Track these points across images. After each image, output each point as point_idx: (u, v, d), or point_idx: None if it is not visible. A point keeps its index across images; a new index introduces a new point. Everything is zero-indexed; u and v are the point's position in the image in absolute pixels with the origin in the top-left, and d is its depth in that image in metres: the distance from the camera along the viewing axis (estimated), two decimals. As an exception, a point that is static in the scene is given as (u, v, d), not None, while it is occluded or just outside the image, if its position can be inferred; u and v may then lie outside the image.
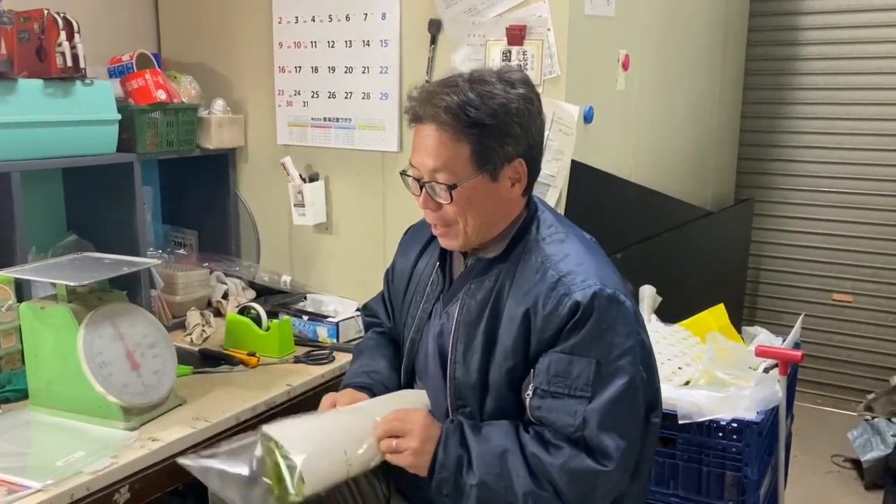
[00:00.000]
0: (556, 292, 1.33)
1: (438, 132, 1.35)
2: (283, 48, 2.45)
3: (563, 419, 1.31)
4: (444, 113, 1.33)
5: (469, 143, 1.34)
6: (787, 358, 1.82)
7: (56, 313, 1.68)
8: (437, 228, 1.45)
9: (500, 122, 1.34)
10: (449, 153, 1.35)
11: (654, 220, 2.68)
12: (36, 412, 1.74)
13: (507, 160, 1.37)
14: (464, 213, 1.39)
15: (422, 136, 1.38)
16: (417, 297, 1.57)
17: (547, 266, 1.37)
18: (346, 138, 2.39)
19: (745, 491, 1.70)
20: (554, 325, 1.33)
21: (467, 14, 2.12)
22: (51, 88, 2.01)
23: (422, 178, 1.39)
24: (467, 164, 1.35)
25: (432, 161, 1.36)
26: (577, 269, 1.35)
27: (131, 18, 2.64)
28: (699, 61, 3.02)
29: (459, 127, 1.33)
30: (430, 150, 1.36)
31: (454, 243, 1.44)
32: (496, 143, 1.35)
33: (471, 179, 1.36)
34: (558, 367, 1.32)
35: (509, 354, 1.37)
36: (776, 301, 3.80)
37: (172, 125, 2.34)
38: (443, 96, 1.34)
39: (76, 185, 2.33)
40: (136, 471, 1.57)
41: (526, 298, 1.36)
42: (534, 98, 1.40)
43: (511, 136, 1.35)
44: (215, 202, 2.62)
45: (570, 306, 1.31)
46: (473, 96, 1.33)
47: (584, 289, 1.32)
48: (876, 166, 3.52)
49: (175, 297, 2.41)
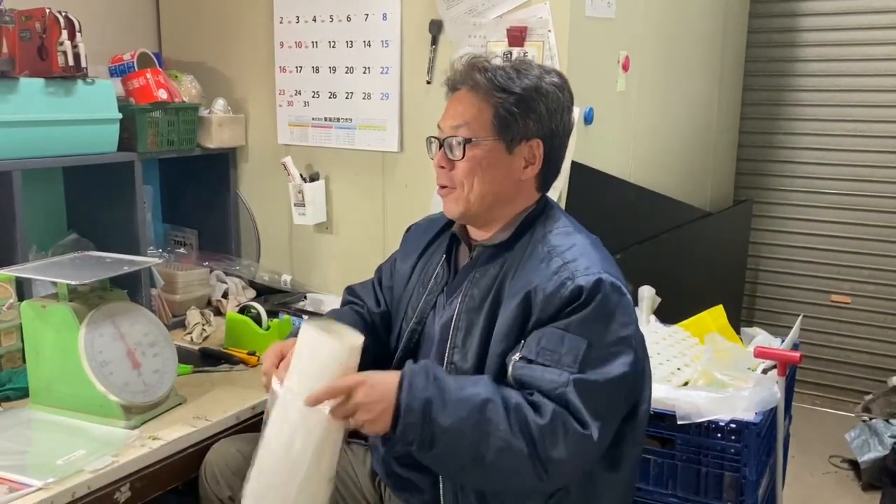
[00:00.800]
0: (559, 276, 1.34)
1: (469, 93, 1.42)
2: (284, 48, 2.45)
3: (547, 377, 1.28)
4: (478, 73, 1.41)
5: (494, 107, 1.40)
6: (786, 359, 1.82)
7: (57, 312, 1.68)
8: (443, 189, 1.47)
9: (528, 96, 1.40)
10: (473, 112, 1.41)
11: (653, 220, 2.69)
12: (37, 411, 1.75)
13: (526, 137, 1.41)
14: (471, 177, 1.42)
15: (453, 101, 1.45)
16: (419, 289, 1.57)
17: (553, 255, 1.38)
18: (346, 138, 2.39)
19: (743, 491, 1.70)
20: (554, 306, 1.33)
21: (468, 15, 2.12)
22: (52, 87, 2.01)
23: (443, 137, 1.44)
24: (487, 126, 1.40)
25: (456, 118, 1.43)
26: (582, 259, 1.37)
27: (132, 17, 2.65)
28: (699, 63, 3.03)
29: (489, 89, 1.40)
30: (456, 109, 1.43)
31: (454, 208, 1.46)
32: (519, 113, 1.40)
33: (487, 141, 1.40)
34: (549, 340, 1.31)
35: (504, 337, 1.37)
36: (775, 302, 3.81)
37: (173, 124, 2.34)
38: (482, 62, 1.43)
39: (77, 183, 2.33)
40: (137, 469, 1.57)
41: (528, 283, 1.37)
42: (566, 91, 1.46)
43: (535, 112, 1.40)
44: (216, 201, 2.62)
45: (573, 289, 1.32)
46: (510, 69, 1.41)
47: (588, 275, 1.33)
48: (875, 168, 3.52)
49: (175, 296, 2.42)
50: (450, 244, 1.56)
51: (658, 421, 1.68)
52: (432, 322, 1.52)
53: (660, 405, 1.67)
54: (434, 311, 1.53)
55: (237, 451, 1.62)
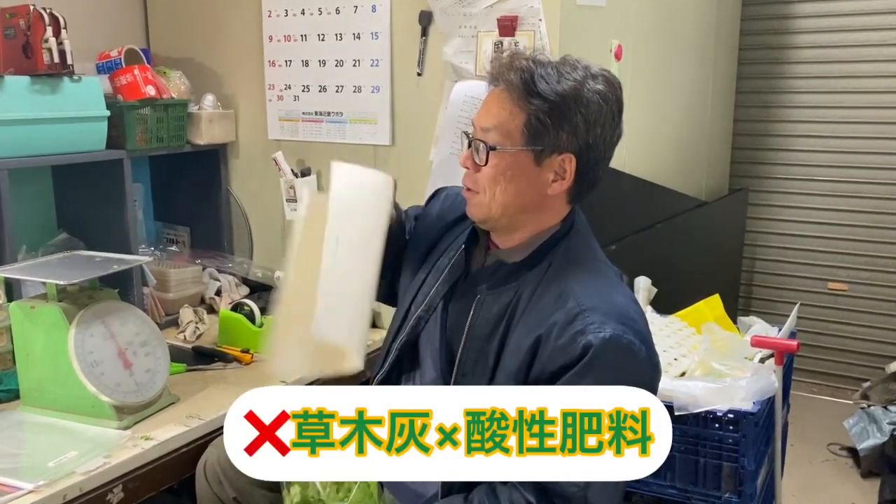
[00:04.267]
0: (572, 326, 1.26)
1: (504, 93, 1.31)
2: (273, 42, 2.43)
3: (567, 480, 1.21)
4: (515, 74, 1.29)
5: (526, 112, 1.29)
6: (783, 348, 1.81)
7: (46, 313, 1.67)
8: (467, 191, 1.39)
9: (564, 105, 1.28)
10: (505, 116, 1.30)
11: (648, 210, 2.67)
12: (28, 412, 1.73)
13: (558, 150, 1.30)
14: (494, 185, 1.33)
15: (489, 98, 1.35)
16: (435, 272, 1.49)
17: (569, 295, 1.29)
18: (337, 132, 2.37)
19: (742, 481, 1.69)
20: (560, 361, 1.26)
21: (458, 5, 2.10)
22: (38, 85, 1.98)
23: (473, 137, 1.36)
24: (517, 133, 1.30)
25: (487, 120, 1.33)
26: (599, 306, 1.27)
27: (119, 13, 2.62)
28: (692, 50, 3.01)
29: (524, 93, 1.28)
30: (490, 109, 1.33)
31: (476, 212, 1.39)
32: (553, 124, 1.28)
33: (513, 150, 1.31)
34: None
35: (511, 378, 1.31)
36: (772, 290, 3.80)
37: (162, 121, 2.32)
38: (522, 60, 1.31)
39: (66, 182, 2.31)
40: (130, 470, 1.56)
41: (540, 325, 1.29)
42: (612, 100, 1.33)
43: (571, 123, 1.29)
44: (207, 198, 2.60)
45: (584, 345, 1.24)
46: (550, 70, 1.30)
47: (601, 332, 1.24)
48: (870, 154, 3.51)
49: (168, 295, 2.40)
50: (473, 231, 1.47)
51: (655, 412, 1.67)
52: (437, 317, 1.46)
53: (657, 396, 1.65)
54: (442, 305, 1.46)
55: None
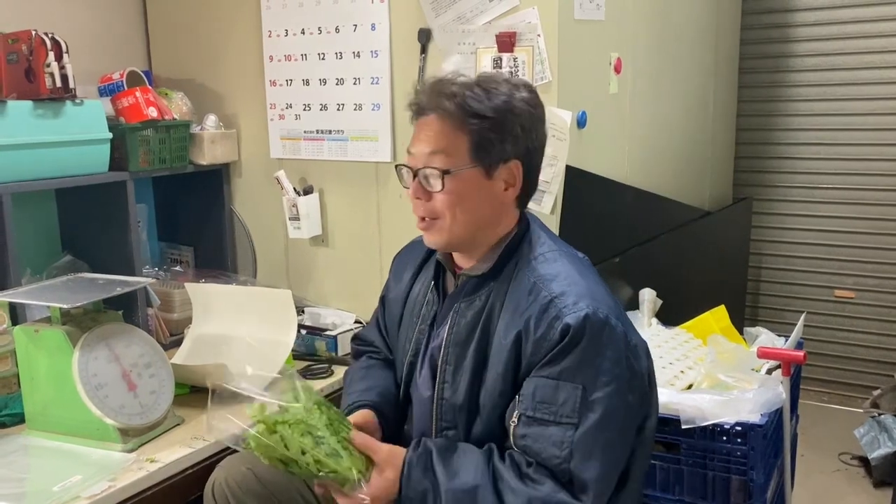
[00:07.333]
0: (547, 314, 1.31)
1: (440, 120, 1.35)
2: (274, 61, 2.44)
3: (549, 450, 1.28)
4: (448, 101, 1.33)
5: (469, 133, 1.34)
6: (790, 359, 1.80)
7: (50, 336, 1.67)
8: (423, 222, 1.42)
9: (502, 118, 1.34)
10: (446, 141, 1.35)
11: (651, 222, 2.67)
12: (33, 436, 1.73)
13: (504, 159, 1.36)
14: (453, 207, 1.37)
15: (422, 126, 1.38)
16: (413, 319, 1.54)
17: (539, 287, 1.35)
18: (339, 150, 2.38)
19: (751, 495, 1.67)
20: (544, 349, 1.31)
21: (456, 22, 2.11)
22: (41, 109, 2.00)
23: (416, 167, 1.38)
24: (465, 153, 1.35)
25: (430, 146, 1.35)
26: (570, 290, 1.33)
27: (121, 36, 2.64)
28: (692, 61, 3.01)
29: (462, 117, 1.33)
30: (430, 136, 1.36)
31: (437, 239, 1.42)
32: (496, 137, 1.34)
33: (466, 170, 1.35)
34: (544, 392, 1.30)
35: (500, 380, 1.36)
36: (778, 299, 3.78)
37: (165, 142, 2.33)
38: (448, 86, 1.35)
39: (70, 205, 2.32)
40: (135, 493, 1.55)
41: (517, 320, 1.34)
42: (538, 105, 1.40)
43: (511, 134, 1.35)
44: (210, 218, 2.61)
45: (561, 330, 1.29)
46: (479, 90, 1.34)
47: (576, 311, 1.29)
48: (873, 161, 3.50)
49: (172, 315, 2.40)
50: (437, 270, 1.53)
51: (663, 425, 1.66)
52: (425, 353, 1.50)
53: (664, 409, 1.64)
54: (428, 341, 1.50)
55: (247, 469, 1.54)
